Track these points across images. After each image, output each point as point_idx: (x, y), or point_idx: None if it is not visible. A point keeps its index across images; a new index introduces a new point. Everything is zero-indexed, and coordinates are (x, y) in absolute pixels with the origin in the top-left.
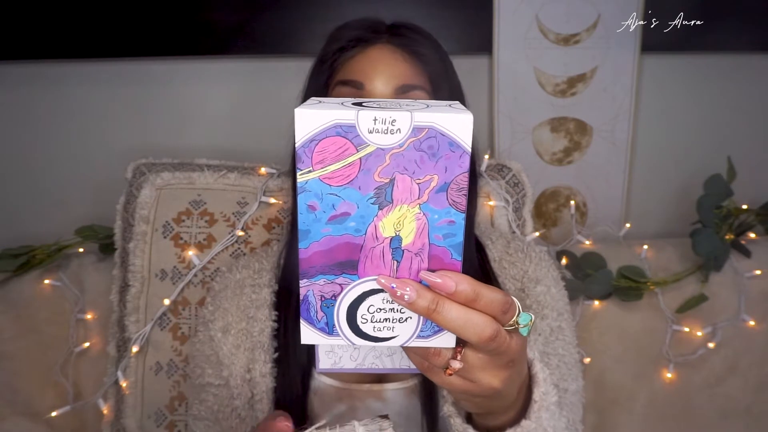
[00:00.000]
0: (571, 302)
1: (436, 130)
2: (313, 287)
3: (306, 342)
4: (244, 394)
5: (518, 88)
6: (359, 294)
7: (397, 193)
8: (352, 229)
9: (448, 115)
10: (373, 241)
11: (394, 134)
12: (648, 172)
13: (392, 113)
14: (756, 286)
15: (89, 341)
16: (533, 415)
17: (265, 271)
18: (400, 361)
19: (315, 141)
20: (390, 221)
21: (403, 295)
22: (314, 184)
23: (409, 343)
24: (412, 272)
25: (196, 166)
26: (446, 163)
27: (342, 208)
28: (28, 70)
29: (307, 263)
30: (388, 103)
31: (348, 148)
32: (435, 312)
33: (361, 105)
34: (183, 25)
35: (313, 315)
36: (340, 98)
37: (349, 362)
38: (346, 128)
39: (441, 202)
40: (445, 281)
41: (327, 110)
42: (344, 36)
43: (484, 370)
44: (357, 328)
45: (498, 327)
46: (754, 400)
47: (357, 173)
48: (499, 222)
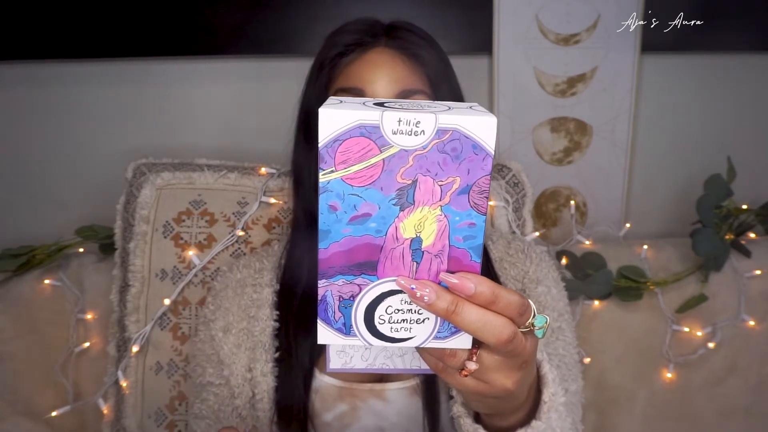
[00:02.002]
0: (571, 302)
1: (460, 133)
2: (331, 287)
3: (322, 342)
4: (245, 394)
5: (518, 88)
6: (378, 295)
7: (419, 195)
8: (372, 229)
9: (472, 117)
10: (393, 242)
11: (418, 136)
12: (648, 172)
13: (417, 115)
14: (756, 286)
15: (89, 341)
16: (543, 416)
17: (266, 270)
18: (411, 361)
19: (339, 141)
20: (411, 222)
21: (422, 297)
22: (336, 185)
23: (425, 344)
24: (431, 274)
25: (197, 166)
26: (469, 166)
27: (363, 209)
28: (29, 70)
29: (327, 263)
30: (411, 104)
31: (372, 148)
32: (454, 313)
33: (383, 105)
34: (184, 25)
35: (331, 315)
36: (360, 98)
37: (360, 362)
38: (370, 129)
39: (462, 204)
40: (464, 283)
41: (352, 110)
42: (342, 40)
43: (498, 371)
44: (374, 329)
45: (515, 329)
46: (754, 400)
47: (380, 174)
48: (499, 222)
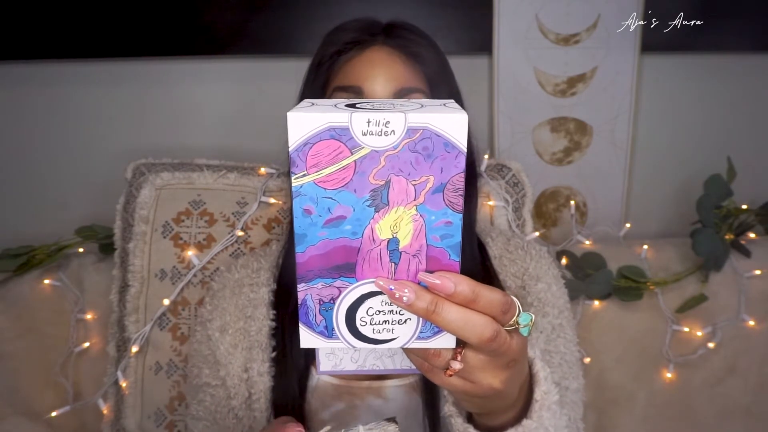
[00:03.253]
0: (571, 302)
1: (431, 131)
2: (311, 291)
3: (305, 346)
4: (242, 394)
5: (518, 88)
6: (358, 297)
7: (393, 195)
8: (348, 232)
9: (442, 115)
10: (370, 244)
11: (389, 136)
12: (648, 172)
13: (386, 115)
14: (756, 286)
15: (89, 341)
16: (534, 415)
17: (263, 270)
18: (401, 361)
19: (309, 144)
20: (386, 223)
21: (401, 297)
22: (309, 188)
23: (408, 345)
24: (410, 274)
25: (196, 166)
26: (442, 164)
27: (338, 212)
28: (29, 70)
29: (305, 267)
30: (383, 104)
31: (342, 151)
32: (434, 313)
33: (354, 107)
34: (183, 25)
35: (312, 319)
36: (333, 100)
37: (350, 364)
38: (339, 131)
39: (437, 203)
40: (443, 282)
41: (320, 113)
42: (340, 39)
43: (484, 370)
44: (356, 331)
45: (498, 327)
46: (754, 400)
47: (352, 176)
48: (499, 222)
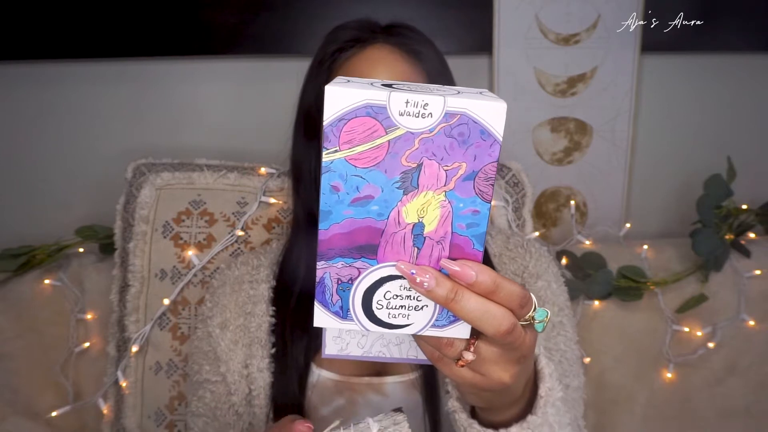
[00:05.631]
0: (571, 302)
1: (469, 117)
2: (330, 270)
3: (318, 325)
4: (242, 390)
5: (518, 88)
6: (377, 279)
7: (423, 179)
8: (374, 212)
9: (482, 102)
10: (395, 227)
11: (425, 118)
12: (648, 172)
13: (425, 97)
14: (756, 286)
15: (89, 341)
16: (539, 411)
17: (263, 267)
18: (408, 350)
19: (344, 120)
20: (414, 207)
21: (422, 282)
22: (339, 165)
23: (423, 332)
24: (432, 260)
25: (196, 166)
26: (476, 152)
27: (366, 191)
28: (29, 70)
29: (326, 245)
30: (419, 87)
31: (377, 129)
32: (453, 301)
33: (391, 86)
34: (184, 25)
35: (329, 298)
36: (369, 79)
37: (356, 349)
38: (376, 109)
39: (467, 190)
40: (465, 270)
41: (358, 89)
42: (341, 37)
43: (496, 363)
44: (371, 314)
45: (515, 321)
46: (754, 400)
47: (384, 156)
48: (499, 222)
